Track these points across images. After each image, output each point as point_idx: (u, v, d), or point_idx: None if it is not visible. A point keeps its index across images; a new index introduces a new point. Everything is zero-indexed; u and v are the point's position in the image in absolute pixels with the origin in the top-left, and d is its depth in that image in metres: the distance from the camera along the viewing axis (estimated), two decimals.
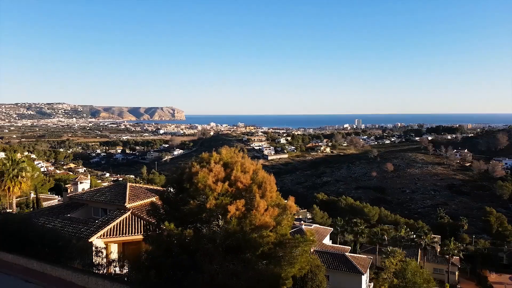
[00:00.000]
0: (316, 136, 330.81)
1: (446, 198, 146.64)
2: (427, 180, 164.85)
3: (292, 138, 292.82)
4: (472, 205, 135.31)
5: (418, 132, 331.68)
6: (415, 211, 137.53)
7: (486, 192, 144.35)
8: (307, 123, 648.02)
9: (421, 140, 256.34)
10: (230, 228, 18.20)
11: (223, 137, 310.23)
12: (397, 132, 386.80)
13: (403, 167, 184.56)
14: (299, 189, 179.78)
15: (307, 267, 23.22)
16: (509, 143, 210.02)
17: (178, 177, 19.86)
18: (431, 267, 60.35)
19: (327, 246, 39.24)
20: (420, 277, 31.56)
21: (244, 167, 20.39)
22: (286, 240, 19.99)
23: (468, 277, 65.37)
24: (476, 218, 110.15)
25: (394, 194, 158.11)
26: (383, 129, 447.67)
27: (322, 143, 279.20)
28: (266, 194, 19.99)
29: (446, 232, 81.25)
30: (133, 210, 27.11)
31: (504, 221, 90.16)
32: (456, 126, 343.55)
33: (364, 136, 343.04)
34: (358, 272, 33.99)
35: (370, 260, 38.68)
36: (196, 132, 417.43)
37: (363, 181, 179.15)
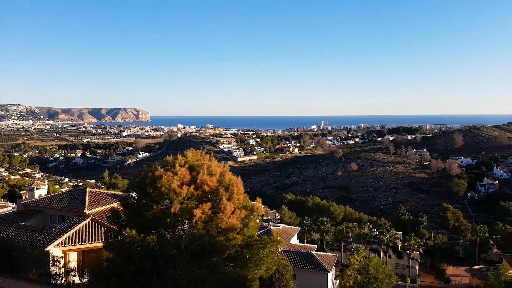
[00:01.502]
0: (285, 137, 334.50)
1: (407, 195, 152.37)
2: (389, 178, 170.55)
3: (261, 140, 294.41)
4: (430, 202, 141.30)
5: (380, 133, 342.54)
6: (378, 208, 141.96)
7: (444, 189, 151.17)
8: (276, 124, 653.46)
9: (383, 140, 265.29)
10: (196, 232, 17.95)
11: (191, 139, 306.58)
12: (361, 133, 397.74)
13: (366, 166, 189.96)
14: (268, 190, 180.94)
15: (274, 267, 23.35)
16: (464, 142, 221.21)
17: (140, 182, 19.34)
18: (393, 262, 62.41)
19: (294, 246, 39.59)
20: (382, 273, 32.59)
21: (211, 169, 20.19)
22: (253, 242, 19.98)
23: (427, 270, 68.09)
24: (434, 214, 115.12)
25: (358, 193, 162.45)
26: (348, 130, 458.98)
27: (291, 144, 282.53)
28: (233, 196, 19.91)
29: (406, 228, 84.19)
30: (93, 216, 26.18)
31: (460, 216, 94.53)
32: (416, 127, 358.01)
33: (330, 137, 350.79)
34: (324, 270, 34.54)
35: (335, 257, 39.42)
36: (162, 134, 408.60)
37: (329, 181, 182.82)
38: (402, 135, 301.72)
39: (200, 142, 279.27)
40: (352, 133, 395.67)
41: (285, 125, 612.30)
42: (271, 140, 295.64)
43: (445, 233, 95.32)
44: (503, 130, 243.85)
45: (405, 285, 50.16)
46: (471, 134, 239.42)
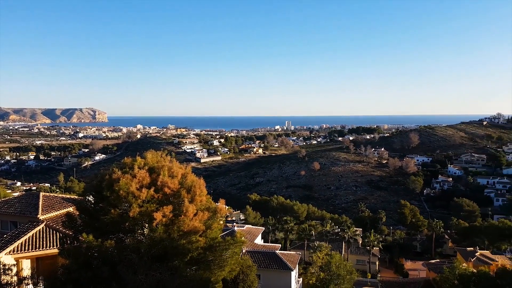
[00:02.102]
0: (249, 137, 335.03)
1: (366, 193, 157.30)
2: (349, 177, 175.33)
3: (225, 140, 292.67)
4: (389, 199, 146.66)
5: (341, 133, 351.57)
6: (340, 206, 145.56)
7: (401, 187, 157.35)
8: (240, 124, 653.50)
9: (344, 140, 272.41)
10: (156, 236, 17.53)
11: (151, 140, 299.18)
12: (323, 133, 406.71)
13: (328, 165, 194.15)
14: (232, 190, 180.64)
15: (238, 268, 23.28)
16: (420, 141, 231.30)
17: (97, 185, 18.64)
18: (354, 258, 64.10)
19: (258, 246, 39.71)
20: (344, 269, 33.41)
21: (172, 171, 19.79)
22: (216, 244, 19.82)
23: (387, 266, 70.48)
24: (392, 211, 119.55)
25: (321, 191, 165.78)
26: (311, 130, 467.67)
27: (255, 145, 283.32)
28: (196, 198, 19.62)
29: (367, 224, 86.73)
30: (48, 222, 24.95)
31: (417, 212, 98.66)
32: (374, 127, 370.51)
33: (294, 137, 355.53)
34: (287, 268, 34.89)
35: (299, 256, 39.94)
36: (120, 135, 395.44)
37: (293, 180, 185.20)
38: (361, 134, 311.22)
39: (161, 143, 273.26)
40: (314, 133, 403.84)
41: (249, 125, 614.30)
42: (235, 141, 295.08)
43: (403, 229, 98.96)
44: (456, 129, 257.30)
45: (366, 280, 51.57)
46: (426, 134, 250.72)
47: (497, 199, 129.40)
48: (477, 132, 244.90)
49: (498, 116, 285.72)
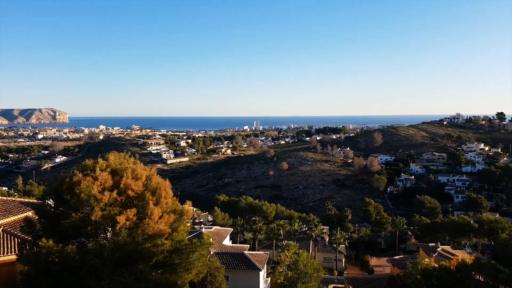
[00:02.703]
0: (217, 138, 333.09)
1: (333, 191, 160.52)
2: (317, 176, 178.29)
3: (193, 141, 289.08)
4: (354, 197, 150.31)
5: (308, 133, 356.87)
6: (307, 205, 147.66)
7: (366, 185, 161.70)
8: (208, 125, 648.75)
9: (311, 140, 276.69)
10: (120, 240, 17.11)
11: (114, 141, 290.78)
12: (291, 133, 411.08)
13: (296, 165, 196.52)
14: (200, 192, 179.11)
15: (205, 270, 23.11)
16: (384, 141, 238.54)
17: (57, 188, 17.97)
18: (322, 256, 65.23)
19: (226, 247, 39.58)
20: (311, 267, 33.93)
21: (136, 173, 19.37)
22: (183, 246, 19.59)
23: (353, 262, 72.07)
24: (358, 209, 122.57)
25: (289, 191, 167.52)
26: (279, 130, 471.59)
27: (223, 145, 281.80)
28: (161, 200, 19.30)
29: (333, 222, 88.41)
30: (4, 227, 23.70)
31: (381, 210, 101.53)
32: (340, 127, 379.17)
33: (262, 137, 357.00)
34: (256, 269, 35.00)
35: (267, 255, 40.16)
36: (82, 136, 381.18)
37: (261, 180, 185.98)
38: (328, 135, 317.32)
39: (125, 144, 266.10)
40: (282, 133, 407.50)
41: (218, 125, 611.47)
42: (203, 141, 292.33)
43: (368, 226, 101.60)
44: (418, 129, 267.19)
45: (333, 278, 52.65)
46: (389, 133, 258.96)
47: (457, 196, 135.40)
48: (437, 132, 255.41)
49: (457, 116, 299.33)
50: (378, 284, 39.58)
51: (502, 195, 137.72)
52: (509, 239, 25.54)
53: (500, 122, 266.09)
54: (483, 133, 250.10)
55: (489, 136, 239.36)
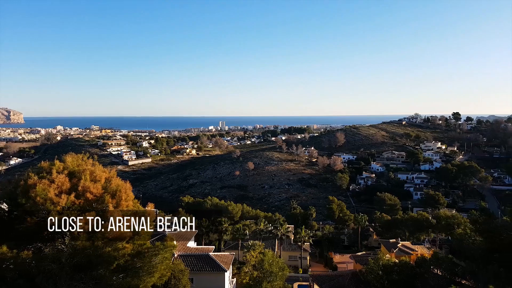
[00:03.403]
0: (182, 138, 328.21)
1: (298, 190, 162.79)
2: (282, 175, 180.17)
3: (155, 141, 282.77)
4: (319, 196, 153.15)
5: (274, 133, 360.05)
6: (273, 204, 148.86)
7: (329, 183, 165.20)
8: (171, 125, 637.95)
9: (277, 140, 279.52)
10: (79, 245, 16.58)
11: (73, 142, 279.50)
12: (257, 133, 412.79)
13: (262, 165, 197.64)
14: (164, 194, 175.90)
15: (168, 273, 22.80)
16: (346, 140, 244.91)
17: (11, 191, 17.17)
18: (287, 255, 65.97)
19: (191, 249, 39.16)
20: (276, 266, 34.25)
21: (95, 175, 18.83)
22: (145, 250, 19.26)
23: (317, 260, 73.40)
24: (322, 207, 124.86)
25: (255, 191, 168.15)
26: (245, 130, 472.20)
27: (188, 146, 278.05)
28: (122, 203, 18.88)
29: (298, 221, 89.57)
30: None
31: (344, 207, 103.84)
32: (305, 127, 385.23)
33: (228, 137, 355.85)
34: (221, 269, 34.88)
35: (232, 256, 40.12)
36: (38, 137, 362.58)
37: (227, 181, 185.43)
38: (293, 134, 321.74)
39: (84, 145, 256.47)
40: (248, 133, 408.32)
41: (182, 125, 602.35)
42: (166, 142, 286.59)
43: (331, 224, 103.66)
44: (378, 129, 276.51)
45: (298, 276, 53.34)
46: (351, 133, 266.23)
47: (416, 193, 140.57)
48: (397, 131, 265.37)
49: (415, 116, 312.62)
50: (341, 281, 40.54)
51: (458, 191, 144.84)
52: (465, 234, 26.91)
53: (455, 121, 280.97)
54: (440, 132, 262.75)
55: (446, 135, 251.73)
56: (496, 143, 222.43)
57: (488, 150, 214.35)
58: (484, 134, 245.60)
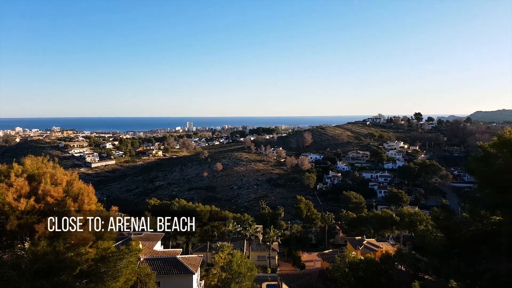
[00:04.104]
0: (147, 139, 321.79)
1: (267, 190, 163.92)
2: (251, 176, 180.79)
3: (120, 143, 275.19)
4: (287, 195, 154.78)
5: (242, 133, 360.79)
6: (242, 205, 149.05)
7: (297, 183, 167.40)
8: (136, 126, 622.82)
9: (245, 140, 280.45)
10: (39, 250, 15.96)
11: (33, 144, 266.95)
12: (225, 133, 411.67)
13: (230, 166, 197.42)
14: (129, 196, 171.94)
15: (134, 278, 22.33)
16: (313, 140, 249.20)
17: None
18: (256, 255, 66.16)
19: (158, 252, 38.55)
20: (245, 267, 34.29)
21: (55, 178, 18.17)
22: (109, 254, 18.84)
23: (285, 259, 74.09)
24: (290, 206, 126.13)
25: (224, 192, 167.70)
26: (213, 131, 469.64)
27: (154, 147, 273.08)
28: (84, 207, 18.35)
29: (267, 221, 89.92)
30: None
31: (311, 206, 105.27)
32: (273, 128, 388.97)
33: (196, 138, 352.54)
34: (189, 272, 34.53)
35: (200, 258, 39.81)
36: None
37: (195, 182, 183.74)
38: (261, 135, 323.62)
39: (44, 147, 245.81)
40: (217, 134, 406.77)
41: (147, 126, 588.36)
42: (131, 143, 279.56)
43: (299, 223, 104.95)
44: (344, 129, 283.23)
45: (266, 276, 53.67)
46: (318, 133, 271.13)
47: (380, 191, 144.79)
48: (361, 131, 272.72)
49: (379, 117, 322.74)
50: (309, 279, 41.14)
51: (420, 189, 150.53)
52: (427, 230, 27.83)
53: (417, 122, 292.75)
54: (402, 132, 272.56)
55: (408, 135, 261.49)
56: (456, 142, 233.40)
57: (448, 149, 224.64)
58: (445, 133, 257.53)
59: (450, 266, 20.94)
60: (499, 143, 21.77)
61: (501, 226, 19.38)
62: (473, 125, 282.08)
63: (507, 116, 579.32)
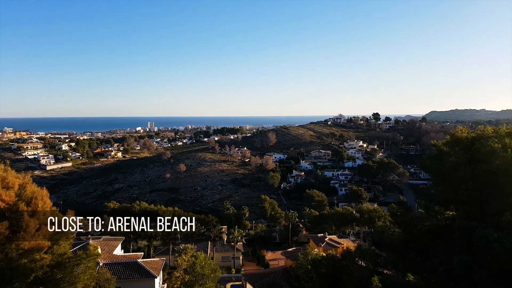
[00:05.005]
0: (106, 140, 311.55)
1: (231, 191, 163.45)
2: (215, 176, 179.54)
3: (76, 144, 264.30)
4: (252, 195, 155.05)
5: (206, 134, 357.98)
6: (206, 206, 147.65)
7: (262, 183, 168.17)
8: (94, 126, 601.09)
9: (209, 140, 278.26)
10: None
11: None
12: (188, 134, 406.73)
13: (194, 166, 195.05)
14: (87, 200, 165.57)
15: (92, 283, 21.55)
16: (277, 140, 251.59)
17: None
18: (220, 256, 65.87)
19: (118, 257, 37.34)
20: (208, 269, 33.99)
21: (7, 182, 17.17)
22: (66, 260, 18.06)
23: (250, 259, 74.15)
24: (255, 206, 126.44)
25: (187, 193, 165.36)
26: (176, 131, 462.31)
27: (113, 148, 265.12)
28: (38, 211, 17.44)
29: (231, 221, 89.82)
30: None
31: (276, 205, 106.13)
32: (237, 128, 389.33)
33: (158, 139, 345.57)
34: (151, 276, 33.75)
35: (163, 261, 39.00)
36: None
37: (157, 184, 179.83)
38: (226, 135, 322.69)
39: None
40: (180, 134, 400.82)
41: (106, 127, 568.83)
42: (89, 144, 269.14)
43: (264, 222, 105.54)
44: (306, 129, 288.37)
45: (231, 276, 53.48)
46: (282, 133, 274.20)
47: (341, 189, 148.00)
48: (323, 131, 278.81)
49: (340, 117, 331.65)
50: (273, 277, 41.47)
51: (379, 186, 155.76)
52: (385, 226, 28.63)
53: (375, 121, 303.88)
54: (361, 132, 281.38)
55: (367, 134, 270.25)
56: (412, 141, 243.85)
57: (405, 148, 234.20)
58: (401, 133, 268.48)
59: (407, 260, 21.68)
60: (451, 142, 22.87)
61: (454, 221, 20.35)
62: (428, 125, 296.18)
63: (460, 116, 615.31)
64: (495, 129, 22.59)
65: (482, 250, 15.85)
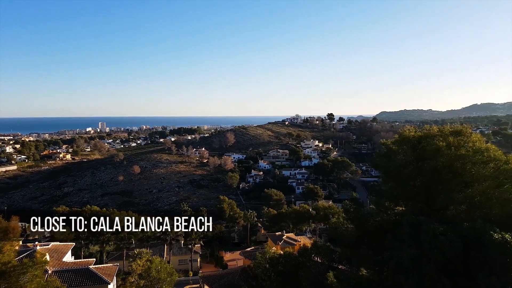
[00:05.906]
0: (54, 142, 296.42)
1: (189, 192, 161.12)
2: (172, 178, 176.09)
3: (22, 146, 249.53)
4: (210, 196, 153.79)
5: (162, 134, 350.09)
6: (162, 208, 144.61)
7: (221, 183, 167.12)
8: (41, 127, 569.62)
9: (166, 141, 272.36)
10: None
11: None
12: (143, 134, 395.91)
13: (149, 168, 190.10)
14: (34, 205, 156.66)
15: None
16: (236, 140, 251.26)
17: None
18: (177, 259, 64.59)
19: (68, 264, 35.54)
20: (164, 272, 33.19)
21: None
22: (10, 269, 16.95)
23: (208, 260, 73.41)
24: (213, 207, 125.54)
25: (142, 196, 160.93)
26: (129, 132, 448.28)
27: (62, 150, 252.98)
28: None
29: None
30: None
31: (234, 205, 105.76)
32: (195, 128, 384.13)
33: (110, 139, 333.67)
34: (103, 282, 32.46)
35: (116, 267, 37.64)
36: None
37: (109, 187, 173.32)
38: (183, 135, 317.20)
39: None
40: (133, 135, 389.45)
41: (53, 127, 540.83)
42: (35, 146, 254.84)
43: (223, 223, 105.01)
44: (264, 129, 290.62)
45: (188, 279, 52.70)
46: (241, 133, 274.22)
47: (298, 188, 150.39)
48: (281, 131, 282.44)
49: (296, 117, 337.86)
50: (231, 278, 41.29)
51: (334, 184, 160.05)
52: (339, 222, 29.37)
53: (330, 121, 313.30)
54: (317, 131, 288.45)
55: (322, 134, 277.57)
56: (364, 140, 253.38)
57: (357, 147, 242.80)
58: (354, 132, 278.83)
59: (360, 255, 22.40)
60: (399, 141, 23.93)
61: (403, 216, 21.28)
62: (378, 124, 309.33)
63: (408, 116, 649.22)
64: (440, 129, 23.84)
65: (429, 243, 16.68)
